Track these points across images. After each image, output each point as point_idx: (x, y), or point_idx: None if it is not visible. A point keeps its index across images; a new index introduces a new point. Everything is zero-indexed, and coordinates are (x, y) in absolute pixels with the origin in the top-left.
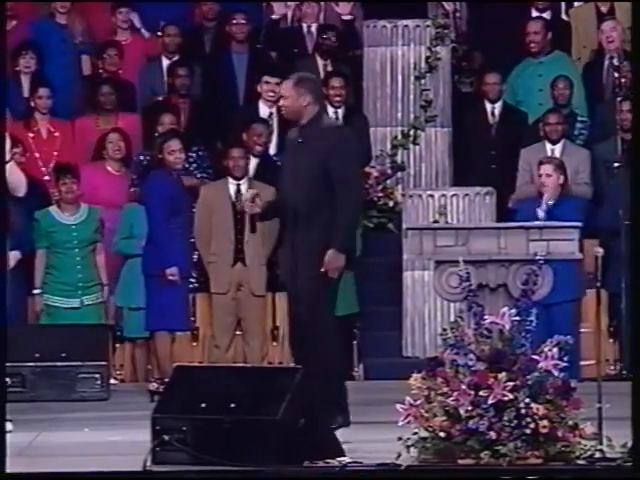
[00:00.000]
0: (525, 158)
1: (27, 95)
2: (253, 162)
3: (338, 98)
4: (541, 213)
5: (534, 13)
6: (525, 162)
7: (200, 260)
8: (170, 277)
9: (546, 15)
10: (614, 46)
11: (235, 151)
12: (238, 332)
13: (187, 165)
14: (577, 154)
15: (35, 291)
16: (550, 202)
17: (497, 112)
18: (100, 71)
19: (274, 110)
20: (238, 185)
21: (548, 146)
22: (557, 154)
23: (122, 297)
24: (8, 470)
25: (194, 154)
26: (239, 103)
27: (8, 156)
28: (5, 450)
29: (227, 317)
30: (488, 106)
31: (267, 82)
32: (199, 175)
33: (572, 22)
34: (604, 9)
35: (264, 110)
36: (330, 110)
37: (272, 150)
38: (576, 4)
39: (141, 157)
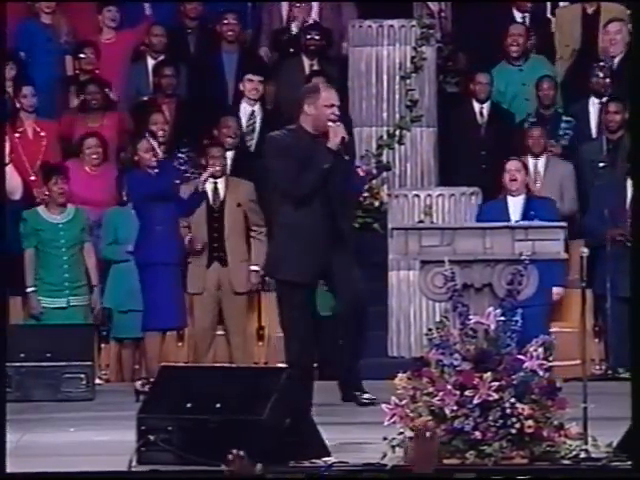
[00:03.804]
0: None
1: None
2: (229, 155)
3: None
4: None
5: (516, 13)
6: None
7: None
8: None
9: (528, 15)
10: (617, 49)
11: (213, 150)
12: (221, 332)
13: (178, 165)
14: (561, 168)
15: (28, 289)
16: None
17: (486, 112)
18: (77, 71)
19: (257, 108)
20: (215, 184)
21: (530, 160)
22: (540, 170)
23: (111, 300)
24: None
25: (183, 155)
26: (228, 103)
27: (7, 159)
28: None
29: (207, 317)
30: (476, 106)
31: (250, 80)
32: (187, 175)
33: (557, 20)
34: (590, 10)
35: (247, 108)
36: None
37: (253, 147)
38: (562, 4)
39: (122, 157)
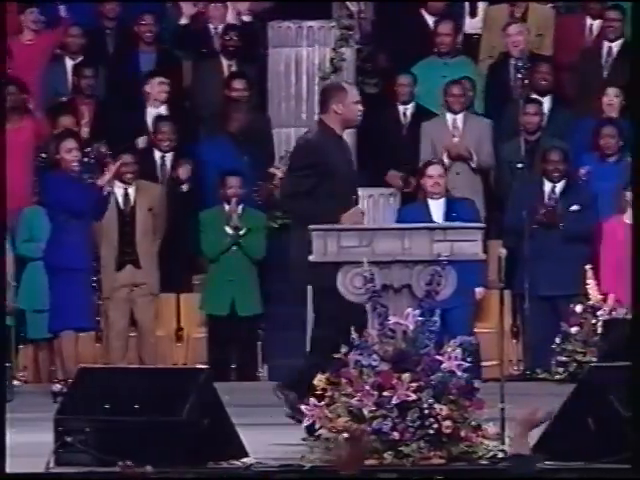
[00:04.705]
0: (427, 132)
1: None
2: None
3: (242, 100)
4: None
5: (426, 16)
6: (427, 137)
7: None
8: None
9: (437, 18)
10: (519, 49)
11: (126, 157)
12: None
13: (89, 163)
14: (479, 124)
15: None
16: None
17: (409, 113)
18: None
19: (162, 110)
20: (126, 189)
21: (449, 117)
22: (459, 124)
23: (25, 300)
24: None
25: (92, 157)
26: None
27: None
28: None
29: (120, 319)
30: (400, 107)
31: (160, 83)
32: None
33: (485, 22)
34: (518, 14)
35: (152, 111)
36: None
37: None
38: (481, 4)
39: (40, 158)
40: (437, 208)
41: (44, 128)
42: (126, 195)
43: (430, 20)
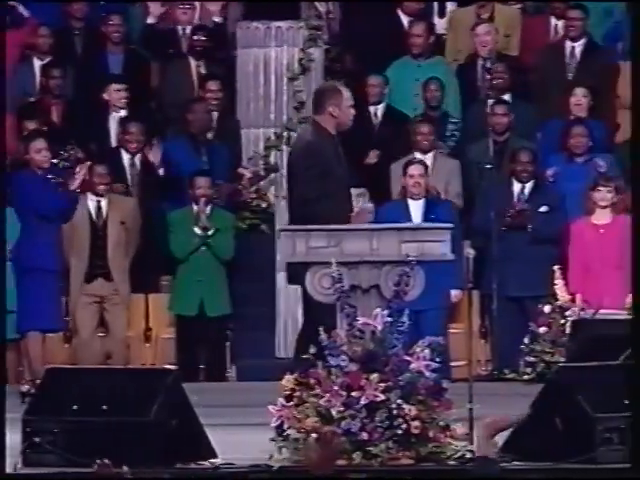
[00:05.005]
0: (397, 172)
1: None
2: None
3: (215, 102)
4: None
5: (402, 16)
6: (397, 176)
7: None
8: None
9: (411, 18)
10: (487, 50)
11: (99, 168)
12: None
13: (61, 166)
14: (447, 165)
15: None
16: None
17: (380, 113)
18: None
19: (123, 114)
20: (99, 202)
21: (418, 156)
22: (428, 164)
23: None
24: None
25: (63, 160)
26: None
27: None
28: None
29: (89, 322)
30: (371, 108)
31: (117, 90)
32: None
33: (451, 24)
34: (485, 15)
35: (115, 116)
36: None
37: None
38: (449, 5)
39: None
40: (417, 208)
41: (13, 128)
42: (99, 208)
43: (405, 20)
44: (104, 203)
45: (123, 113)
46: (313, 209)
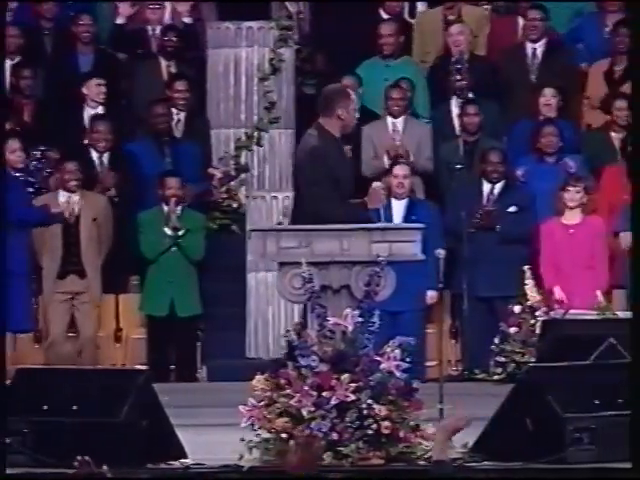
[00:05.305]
0: (367, 134)
1: None
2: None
3: (183, 102)
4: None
5: (383, 14)
6: (367, 138)
7: None
8: None
9: (391, 17)
10: (460, 49)
11: (69, 165)
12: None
13: (32, 167)
14: (419, 129)
15: None
16: None
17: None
18: None
19: (100, 110)
20: (70, 198)
21: (389, 120)
22: (399, 128)
23: None
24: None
25: (36, 162)
26: (84, 104)
27: None
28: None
29: (60, 322)
30: None
31: (98, 85)
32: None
33: (418, 26)
34: (452, 17)
35: (90, 112)
36: (173, 112)
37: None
38: (419, 5)
39: None
40: (399, 208)
41: None
42: (70, 204)
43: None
44: (76, 199)
45: (100, 110)
46: (321, 210)
